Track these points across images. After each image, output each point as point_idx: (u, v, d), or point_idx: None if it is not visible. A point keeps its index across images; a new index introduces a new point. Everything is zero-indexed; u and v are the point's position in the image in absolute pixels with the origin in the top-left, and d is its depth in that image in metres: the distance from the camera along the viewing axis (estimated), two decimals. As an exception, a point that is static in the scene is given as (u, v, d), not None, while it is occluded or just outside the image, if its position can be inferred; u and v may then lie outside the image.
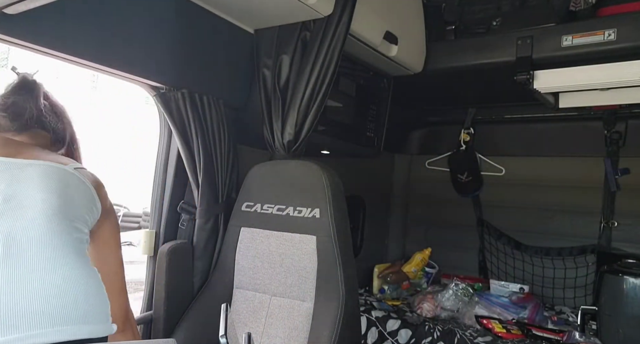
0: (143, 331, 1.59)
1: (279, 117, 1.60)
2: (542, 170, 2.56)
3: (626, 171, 2.30)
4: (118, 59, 1.32)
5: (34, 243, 0.87)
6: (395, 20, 1.85)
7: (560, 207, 2.49)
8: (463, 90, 2.52)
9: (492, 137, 2.72)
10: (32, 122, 1.12)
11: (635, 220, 2.29)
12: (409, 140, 3.01)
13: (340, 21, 1.52)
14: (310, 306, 1.36)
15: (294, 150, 1.61)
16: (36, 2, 1.00)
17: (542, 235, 2.51)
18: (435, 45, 2.07)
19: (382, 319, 2.12)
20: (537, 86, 1.86)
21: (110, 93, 8.31)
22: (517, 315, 2.10)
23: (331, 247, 1.35)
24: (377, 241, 2.90)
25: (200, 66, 1.55)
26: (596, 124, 2.37)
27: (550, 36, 1.80)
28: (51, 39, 1.16)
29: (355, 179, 2.57)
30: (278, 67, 1.63)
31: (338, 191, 1.42)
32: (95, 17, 1.24)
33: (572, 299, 2.38)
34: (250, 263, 1.49)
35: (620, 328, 1.77)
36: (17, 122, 1.10)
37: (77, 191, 1.00)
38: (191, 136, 1.54)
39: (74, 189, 1.00)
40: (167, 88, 1.51)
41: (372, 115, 2.14)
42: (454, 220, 2.81)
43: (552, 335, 1.93)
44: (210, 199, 1.59)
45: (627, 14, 1.68)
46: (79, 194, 1.01)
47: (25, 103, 1.11)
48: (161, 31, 1.41)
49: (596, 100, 1.94)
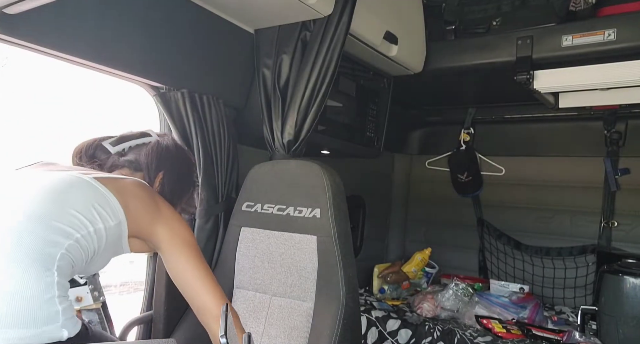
0: (143, 331, 1.59)
1: (279, 117, 1.60)
2: (542, 170, 2.56)
3: (626, 171, 2.30)
4: (118, 59, 1.32)
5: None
6: (395, 20, 1.85)
7: (560, 207, 2.50)
8: (463, 90, 2.52)
9: (492, 137, 2.72)
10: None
11: (635, 220, 2.30)
12: (409, 140, 3.01)
13: (340, 21, 1.52)
14: (311, 306, 1.35)
15: (294, 150, 1.61)
16: (36, 2, 1.00)
17: (542, 235, 2.51)
18: (435, 45, 2.07)
19: (382, 319, 2.12)
20: (537, 86, 1.86)
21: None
22: (517, 315, 2.10)
23: (332, 247, 1.35)
24: (377, 241, 2.90)
25: (200, 66, 1.55)
26: (596, 124, 2.37)
27: (550, 36, 1.80)
28: (51, 39, 1.16)
29: (355, 179, 2.57)
30: (278, 67, 1.62)
31: (339, 191, 1.41)
32: (95, 17, 1.23)
33: (572, 299, 2.38)
34: (250, 263, 1.49)
35: (620, 328, 1.77)
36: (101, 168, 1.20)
37: (75, 195, 0.97)
38: (191, 136, 1.54)
39: (73, 192, 0.97)
40: (167, 88, 1.51)
41: (372, 115, 2.14)
42: (454, 220, 2.81)
43: (552, 335, 1.93)
44: (210, 199, 1.59)
45: (627, 14, 1.68)
46: (78, 197, 0.97)
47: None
48: (161, 31, 1.41)
49: (596, 100, 1.94)
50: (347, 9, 1.51)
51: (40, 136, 6.35)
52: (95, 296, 1.38)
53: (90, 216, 0.96)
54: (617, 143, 2.32)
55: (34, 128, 6.34)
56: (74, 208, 0.94)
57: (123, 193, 1.03)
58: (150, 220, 1.06)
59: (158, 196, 1.13)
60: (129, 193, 1.04)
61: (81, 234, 0.93)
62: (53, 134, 6.01)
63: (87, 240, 0.95)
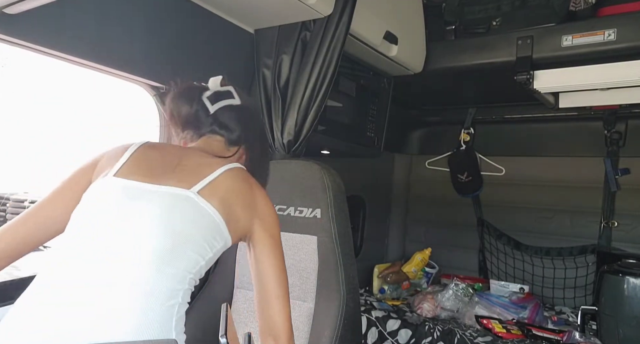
0: (143, 332, 1.59)
1: (279, 117, 1.60)
2: (542, 170, 2.56)
3: (626, 171, 2.30)
4: (118, 59, 1.32)
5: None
6: (395, 20, 1.85)
7: (560, 207, 2.49)
8: (463, 90, 2.52)
9: (492, 137, 2.72)
10: (205, 128, 1.10)
11: (635, 220, 2.29)
12: (409, 140, 3.01)
13: (340, 21, 1.52)
14: (311, 306, 1.35)
15: (294, 150, 1.61)
16: (36, 2, 1.00)
17: (542, 235, 2.51)
18: (435, 45, 2.07)
19: (382, 319, 2.12)
20: (537, 86, 1.86)
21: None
22: (517, 315, 2.10)
23: (332, 248, 1.35)
24: (377, 241, 2.90)
25: (200, 66, 1.55)
26: (596, 124, 2.37)
27: (550, 36, 1.80)
28: (51, 39, 1.16)
29: (355, 179, 2.57)
30: (278, 67, 1.62)
31: (339, 191, 1.41)
32: (95, 17, 1.24)
33: (572, 299, 2.38)
34: (250, 263, 1.49)
35: (620, 328, 1.77)
36: (189, 130, 1.11)
37: (190, 231, 0.92)
38: (191, 136, 1.54)
39: (187, 229, 0.92)
40: (167, 88, 1.51)
41: (372, 115, 2.14)
42: (454, 220, 2.81)
43: (552, 335, 1.93)
44: (211, 199, 1.59)
45: (627, 14, 1.68)
46: (192, 234, 0.92)
47: (191, 109, 1.09)
48: (161, 31, 1.41)
49: (596, 100, 1.94)
50: (347, 9, 1.51)
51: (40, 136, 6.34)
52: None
53: (203, 251, 0.92)
54: (617, 143, 2.32)
55: (34, 128, 6.34)
56: (191, 249, 0.91)
57: (226, 201, 0.97)
58: (249, 218, 1.01)
59: (255, 185, 1.05)
60: (231, 197, 0.98)
61: (194, 271, 0.91)
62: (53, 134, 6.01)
63: (199, 271, 0.93)
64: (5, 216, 7.64)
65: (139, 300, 0.82)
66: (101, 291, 0.82)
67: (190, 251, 0.90)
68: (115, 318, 0.80)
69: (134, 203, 0.91)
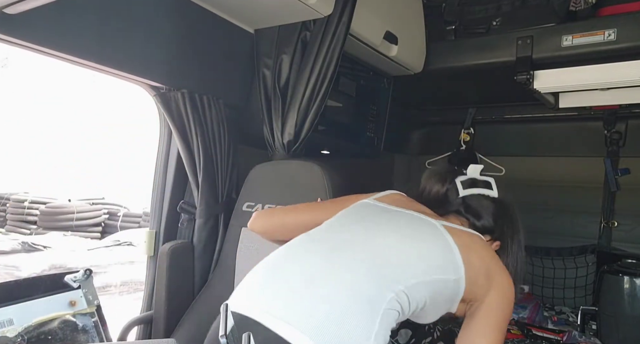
0: (143, 331, 1.59)
1: (278, 117, 1.60)
2: (542, 170, 2.56)
3: (626, 171, 2.30)
4: (118, 59, 1.32)
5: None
6: (395, 20, 1.85)
7: (560, 207, 2.49)
8: (463, 90, 2.52)
9: (492, 137, 2.72)
10: (452, 207, 1.17)
11: (635, 220, 2.29)
12: (409, 140, 3.00)
13: (340, 21, 1.52)
14: (311, 306, 1.35)
15: (294, 150, 1.61)
16: (36, 2, 1.00)
17: (542, 235, 2.51)
18: (435, 45, 2.07)
19: (382, 319, 2.12)
20: (537, 86, 1.86)
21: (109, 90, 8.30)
22: (517, 315, 2.10)
23: (331, 247, 1.34)
24: (377, 241, 2.89)
25: (200, 66, 1.55)
26: (596, 124, 2.36)
27: (550, 36, 1.80)
28: (51, 39, 1.16)
29: (355, 179, 2.56)
30: (278, 67, 1.63)
31: (339, 191, 1.42)
32: (95, 17, 1.24)
33: (572, 299, 2.37)
34: (251, 263, 1.49)
35: (620, 328, 1.77)
36: (437, 209, 1.16)
37: (428, 246, 0.94)
38: (191, 136, 1.54)
39: (426, 244, 0.95)
40: (167, 88, 1.51)
41: (372, 115, 2.14)
42: (454, 220, 2.80)
43: (552, 335, 1.93)
44: (210, 199, 1.59)
45: (627, 14, 1.68)
46: (430, 248, 0.94)
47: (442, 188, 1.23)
48: (161, 31, 1.41)
49: (596, 100, 1.94)
50: (347, 9, 1.51)
51: (40, 136, 6.38)
52: (89, 299, 1.37)
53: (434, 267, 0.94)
54: (617, 143, 2.32)
55: (34, 128, 6.38)
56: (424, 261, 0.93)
57: (467, 249, 0.97)
58: (487, 284, 0.98)
59: (497, 258, 1.04)
60: (473, 251, 0.98)
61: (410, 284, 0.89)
62: (53, 134, 6.04)
63: (417, 289, 0.90)
64: (5, 216, 7.65)
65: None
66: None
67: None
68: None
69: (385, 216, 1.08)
